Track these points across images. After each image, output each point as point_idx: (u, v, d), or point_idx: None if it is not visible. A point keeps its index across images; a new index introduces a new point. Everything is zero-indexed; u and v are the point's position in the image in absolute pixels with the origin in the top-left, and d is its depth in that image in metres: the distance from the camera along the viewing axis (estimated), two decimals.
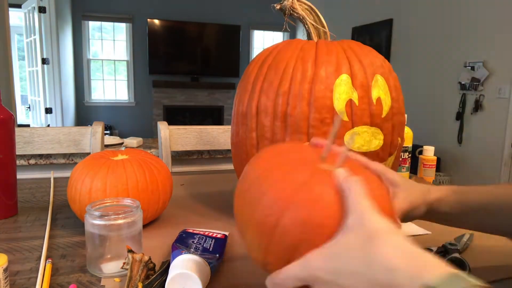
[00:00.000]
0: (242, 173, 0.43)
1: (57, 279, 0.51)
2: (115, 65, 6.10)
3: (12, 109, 2.82)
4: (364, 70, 0.64)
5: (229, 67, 6.39)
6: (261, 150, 0.45)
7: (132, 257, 0.49)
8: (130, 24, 5.95)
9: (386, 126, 0.65)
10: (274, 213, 0.36)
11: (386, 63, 0.69)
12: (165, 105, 6.21)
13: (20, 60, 5.95)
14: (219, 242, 0.58)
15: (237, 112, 0.72)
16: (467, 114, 3.36)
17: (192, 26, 6.10)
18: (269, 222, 0.37)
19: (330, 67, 0.63)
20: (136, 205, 0.55)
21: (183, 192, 0.93)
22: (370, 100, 0.63)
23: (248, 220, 0.40)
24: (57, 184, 0.96)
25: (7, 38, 2.70)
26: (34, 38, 4.20)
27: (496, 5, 3.07)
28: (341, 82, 0.62)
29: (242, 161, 0.71)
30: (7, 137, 0.72)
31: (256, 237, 0.38)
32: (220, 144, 1.36)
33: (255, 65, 0.71)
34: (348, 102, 0.62)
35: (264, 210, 0.37)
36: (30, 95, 4.64)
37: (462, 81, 3.37)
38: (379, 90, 0.64)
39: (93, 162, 0.67)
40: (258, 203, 0.38)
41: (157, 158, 0.73)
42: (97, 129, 1.21)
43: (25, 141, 1.16)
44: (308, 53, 0.65)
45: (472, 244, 0.66)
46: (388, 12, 4.31)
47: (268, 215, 0.37)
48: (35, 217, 0.74)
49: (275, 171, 0.40)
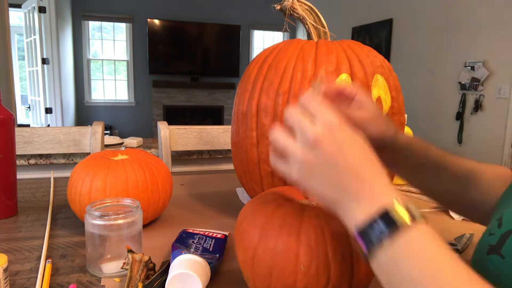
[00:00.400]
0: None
1: (57, 279, 0.51)
2: (115, 65, 6.10)
3: (12, 109, 2.82)
4: (364, 70, 0.64)
5: (229, 67, 6.38)
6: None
7: (132, 257, 0.49)
8: (130, 24, 5.95)
9: None
10: (251, 245, 0.41)
11: (386, 63, 0.69)
12: (165, 105, 6.21)
13: (20, 60, 5.95)
14: (219, 242, 0.58)
15: (237, 111, 0.72)
16: (467, 114, 3.36)
17: (192, 26, 6.10)
18: (248, 255, 0.42)
19: (330, 66, 0.63)
20: (136, 205, 0.55)
21: (183, 192, 0.93)
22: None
23: (240, 260, 0.45)
24: (57, 184, 0.96)
25: (7, 38, 2.70)
26: (34, 38, 4.20)
27: (496, 5, 3.07)
28: (341, 81, 0.62)
29: (242, 161, 0.71)
30: (7, 137, 0.72)
31: (245, 271, 0.44)
32: (220, 144, 1.36)
33: (255, 65, 0.71)
34: None
35: (245, 244, 0.42)
36: (30, 95, 4.64)
37: (462, 81, 3.37)
38: (379, 90, 0.64)
39: (93, 162, 0.67)
40: (240, 241, 0.44)
41: (157, 158, 0.73)
42: (97, 129, 1.21)
43: (25, 141, 1.16)
44: (308, 53, 0.65)
45: (472, 244, 0.66)
46: (388, 12, 4.31)
47: (247, 248, 0.42)
48: (35, 217, 0.74)
49: (255, 210, 0.45)
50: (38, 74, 4.27)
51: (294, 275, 0.39)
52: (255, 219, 0.43)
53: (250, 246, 0.42)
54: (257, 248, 0.41)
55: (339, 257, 0.39)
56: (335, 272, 0.39)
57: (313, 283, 0.39)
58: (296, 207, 0.43)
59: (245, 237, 0.43)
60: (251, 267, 0.42)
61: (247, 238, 0.42)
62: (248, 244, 0.42)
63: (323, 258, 0.39)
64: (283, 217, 0.41)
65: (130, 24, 5.94)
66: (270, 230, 0.41)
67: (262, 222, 0.42)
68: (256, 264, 0.41)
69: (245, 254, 0.43)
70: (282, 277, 0.39)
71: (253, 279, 0.42)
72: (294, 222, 0.41)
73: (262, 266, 0.41)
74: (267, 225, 0.41)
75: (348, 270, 0.40)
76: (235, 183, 1.00)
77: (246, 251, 0.42)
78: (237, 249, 0.45)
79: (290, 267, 0.39)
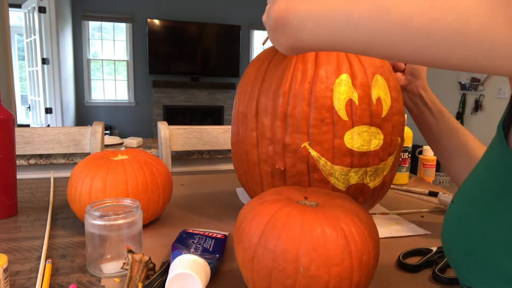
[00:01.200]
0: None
1: (57, 279, 0.51)
2: (115, 65, 6.10)
3: (12, 109, 2.82)
4: (364, 70, 0.64)
5: (229, 67, 6.38)
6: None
7: (132, 257, 0.49)
8: (130, 24, 5.94)
9: (386, 126, 0.65)
10: (251, 246, 0.42)
11: (386, 63, 0.69)
12: (165, 105, 6.21)
13: (20, 60, 5.95)
14: (219, 242, 0.58)
15: (237, 111, 0.72)
16: (467, 114, 3.36)
17: (192, 26, 6.10)
18: (248, 256, 0.42)
19: (330, 67, 0.63)
20: (136, 205, 0.55)
21: (183, 192, 0.93)
22: (370, 100, 0.63)
23: (238, 258, 0.45)
24: (57, 184, 0.96)
25: (7, 38, 2.70)
26: (34, 38, 4.20)
27: None
28: (341, 82, 0.62)
29: (242, 161, 0.71)
30: (7, 137, 0.72)
31: (244, 272, 0.44)
32: (220, 144, 1.36)
33: (255, 65, 0.71)
34: (348, 101, 0.62)
35: (244, 245, 0.42)
36: (30, 95, 4.64)
37: (462, 81, 3.37)
38: (379, 90, 0.64)
39: (93, 162, 0.67)
40: (239, 242, 0.44)
41: (157, 158, 0.73)
42: (97, 129, 1.21)
43: (25, 141, 1.16)
44: (309, 53, 0.65)
45: None
46: None
47: (247, 249, 0.42)
48: (35, 217, 0.74)
49: (254, 211, 0.45)
50: (38, 74, 4.27)
51: (294, 276, 0.39)
52: (255, 220, 0.43)
53: (249, 247, 0.42)
54: (257, 249, 0.41)
55: (338, 259, 0.39)
56: (335, 273, 0.39)
57: (313, 284, 0.39)
58: (296, 208, 0.43)
59: (244, 238, 0.43)
60: (251, 268, 0.42)
61: (246, 239, 0.42)
62: (247, 245, 0.42)
63: (323, 260, 0.39)
64: (283, 218, 0.41)
65: (130, 24, 5.94)
66: (270, 231, 0.41)
67: (262, 223, 0.42)
68: (256, 265, 0.41)
69: (244, 255, 0.43)
70: (282, 278, 0.39)
71: (252, 280, 0.42)
72: (294, 223, 0.41)
73: (262, 267, 0.41)
74: (267, 226, 0.41)
75: (348, 271, 0.40)
76: (235, 183, 1.01)
77: (245, 252, 0.42)
78: (237, 249, 0.45)
79: (290, 268, 0.39)
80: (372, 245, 0.42)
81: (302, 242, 0.39)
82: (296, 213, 0.42)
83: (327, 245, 0.39)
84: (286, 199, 0.47)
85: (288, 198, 0.47)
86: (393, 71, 0.71)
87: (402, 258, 0.58)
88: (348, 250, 0.40)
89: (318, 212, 0.43)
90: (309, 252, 0.39)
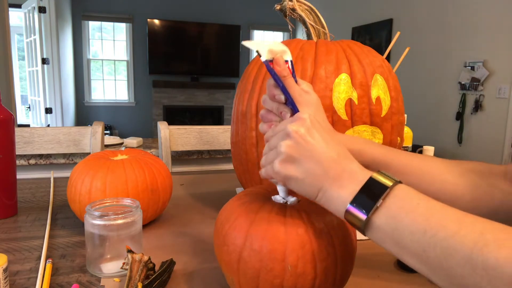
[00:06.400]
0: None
1: (57, 279, 0.51)
2: (115, 65, 6.10)
3: (12, 109, 2.82)
4: (363, 70, 0.64)
5: (229, 67, 6.38)
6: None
7: (132, 257, 0.49)
8: (130, 24, 5.94)
9: (386, 126, 0.65)
10: (236, 248, 0.41)
11: (386, 63, 0.69)
12: (165, 105, 6.21)
13: (20, 60, 5.95)
14: None
15: (237, 111, 0.72)
16: (467, 114, 3.36)
17: (192, 26, 6.10)
18: (233, 258, 0.41)
19: (329, 66, 0.63)
20: (136, 205, 0.55)
21: (183, 192, 0.93)
22: (370, 100, 0.63)
23: (221, 261, 0.45)
24: (57, 184, 0.96)
25: (7, 38, 2.70)
26: (34, 38, 4.20)
27: (496, 5, 3.07)
28: (341, 81, 0.62)
29: (242, 161, 0.71)
30: (7, 137, 0.72)
31: (229, 274, 0.43)
32: (220, 144, 1.36)
33: (255, 65, 0.71)
34: (348, 101, 0.62)
35: (229, 248, 0.42)
36: (30, 95, 4.63)
37: (462, 81, 3.37)
38: (379, 90, 0.64)
39: (93, 162, 0.67)
40: (222, 245, 0.43)
41: (157, 158, 0.73)
42: (97, 129, 1.21)
43: (25, 141, 1.16)
44: (308, 53, 0.65)
45: None
46: (388, 12, 4.31)
47: (231, 252, 0.42)
48: (35, 217, 0.74)
49: (236, 212, 0.44)
50: (38, 74, 4.27)
51: (282, 275, 0.39)
52: (238, 221, 0.42)
53: (234, 249, 0.41)
54: (242, 251, 0.41)
55: (324, 254, 0.40)
56: (321, 268, 0.40)
57: (301, 281, 0.39)
58: (277, 206, 0.44)
59: (228, 241, 0.42)
60: (237, 270, 0.42)
61: (230, 241, 0.42)
62: (232, 248, 0.42)
63: (309, 256, 0.39)
64: (266, 218, 0.41)
65: (130, 24, 5.94)
66: (255, 232, 0.41)
67: (245, 224, 0.42)
68: (243, 267, 0.41)
69: (229, 258, 0.42)
70: (270, 278, 0.39)
71: (239, 282, 0.42)
72: (278, 223, 0.41)
73: (249, 269, 0.40)
74: (251, 227, 0.41)
75: (333, 265, 0.41)
76: (235, 183, 1.00)
77: (230, 254, 0.42)
78: (219, 253, 0.44)
79: (278, 267, 0.39)
80: (353, 229, 0.44)
81: (288, 241, 0.39)
82: (278, 212, 0.42)
83: (313, 241, 0.40)
84: (265, 198, 0.47)
85: (267, 197, 0.47)
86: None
87: None
88: (332, 244, 0.41)
89: (300, 209, 0.43)
90: (295, 249, 0.39)
